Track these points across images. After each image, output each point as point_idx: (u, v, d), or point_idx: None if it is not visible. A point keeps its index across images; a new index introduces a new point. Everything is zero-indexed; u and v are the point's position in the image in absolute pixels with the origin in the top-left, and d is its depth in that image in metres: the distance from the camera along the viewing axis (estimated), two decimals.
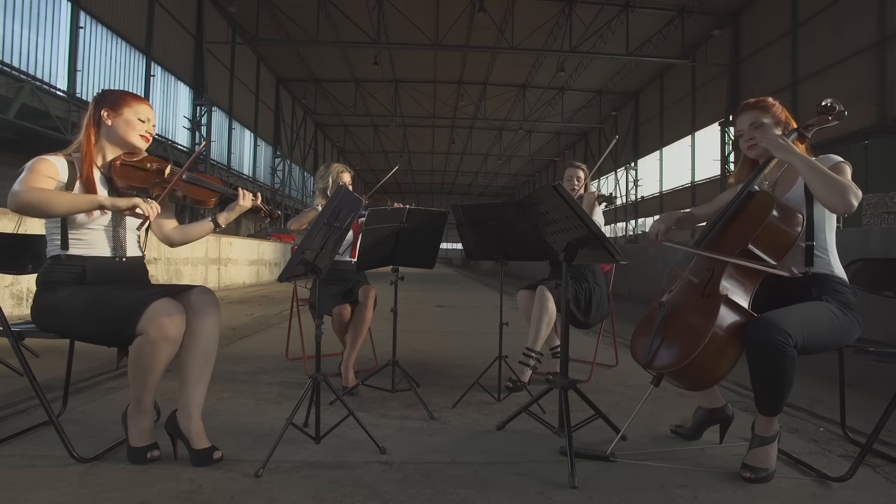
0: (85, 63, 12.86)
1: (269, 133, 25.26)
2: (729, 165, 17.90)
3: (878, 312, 3.48)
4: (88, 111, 1.81)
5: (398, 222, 2.44)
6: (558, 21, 18.34)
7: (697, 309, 1.71)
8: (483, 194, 49.58)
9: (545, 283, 2.84)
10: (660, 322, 1.77)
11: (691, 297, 1.77)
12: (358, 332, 2.76)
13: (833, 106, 1.77)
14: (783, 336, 1.52)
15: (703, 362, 1.60)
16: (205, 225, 1.96)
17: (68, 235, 1.70)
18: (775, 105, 1.90)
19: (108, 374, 2.73)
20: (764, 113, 1.89)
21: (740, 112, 1.94)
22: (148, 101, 1.90)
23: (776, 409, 1.64)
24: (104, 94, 1.84)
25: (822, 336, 1.62)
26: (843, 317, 1.67)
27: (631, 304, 7.29)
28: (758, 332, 1.56)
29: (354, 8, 17.15)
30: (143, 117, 1.84)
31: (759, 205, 1.75)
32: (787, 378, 1.55)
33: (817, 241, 1.75)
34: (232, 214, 1.96)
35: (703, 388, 1.78)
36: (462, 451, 1.85)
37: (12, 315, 4.67)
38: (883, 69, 12.39)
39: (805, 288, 1.73)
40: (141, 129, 1.83)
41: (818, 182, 1.62)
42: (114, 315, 1.58)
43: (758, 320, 1.59)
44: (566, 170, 3.22)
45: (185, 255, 8.51)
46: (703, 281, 1.75)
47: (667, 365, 1.67)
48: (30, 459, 1.66)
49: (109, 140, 1.82)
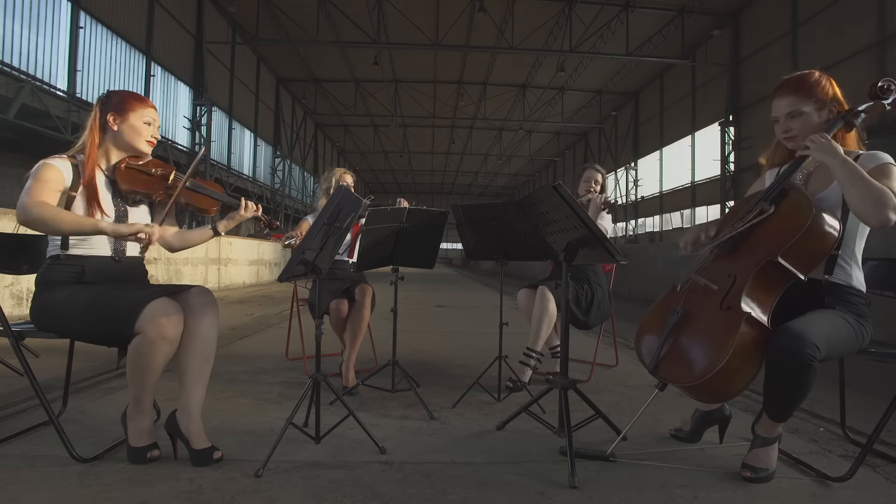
0: (85, 63, 12.85)
1: (269, 133, 25.24)
2: (729, 165, 17.90)
3: (878, 312, 3.47)
4: (93, 113, 1.81)
5: (398, 222, 2.44)
6: (558, 21, 18.33)
7: (716, 322, 1.56)
8: (483, 194, 49.58)
9: (546, 283, 2.84)
10: (672, 327, 1.64)
11: (709, 306, 1.61)
12: (356, 331, 2.76)
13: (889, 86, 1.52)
14: (812, 350, 1.42)
15: (720, 380, 1.49)
16: (204, 232, 1.96)
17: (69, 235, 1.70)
18: (820, 83, 1.63)
19: (108, 374, 2.73)
20: (805, 99, 1.62)
21: (777, 93, 1.68)
22: (151, 101, 1.90)
23: (787, 416, 1.61)
24: (109, 97, 1.84)
25: (841, 347, 1.56)
26: (858, 327, 1.60)
27: (631, 304, 7.29)
28: (785, 343, 1.45)
29: (354, 8, 17.14)
30: (149, 120, 1.84)
31: (795, 210, 1.55)
32: (807, 390, 1.48)
33: (844, 249, 1.61)
34: (232, 222, 1.97)
35: (718, 402, 1.73)
36: (462, 451, 1.85)
37: (12, 315, 4.67)
38: (883, 69, 12.37)
39: (819, 296, 1.63)
40: (147, 135, 1.83)
41: (858, 191, 1.45)
42: (112, 315, 1.59)
43: (785, 332, 1.47)
44: (585, 171, 3.20)
45: (185, 256, 8.51)
46: (723, 289, 1.60)
47: (681, 380, 1.56)
48: (30, 459, 1.66)
49: (116, 144, 1.82)
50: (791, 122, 1.66)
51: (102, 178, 1.78)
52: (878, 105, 1.58)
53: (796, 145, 1.67)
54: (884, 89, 1.54)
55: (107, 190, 1.78)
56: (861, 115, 1.59)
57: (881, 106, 1.57)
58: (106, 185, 1.79)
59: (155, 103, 1.99)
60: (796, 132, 1.65)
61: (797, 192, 1.61)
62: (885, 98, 1.56)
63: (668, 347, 1.64)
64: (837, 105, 1.65)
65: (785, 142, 1.71)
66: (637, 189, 26.54)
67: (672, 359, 1.62)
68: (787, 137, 1.69)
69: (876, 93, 1.56)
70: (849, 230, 1.60)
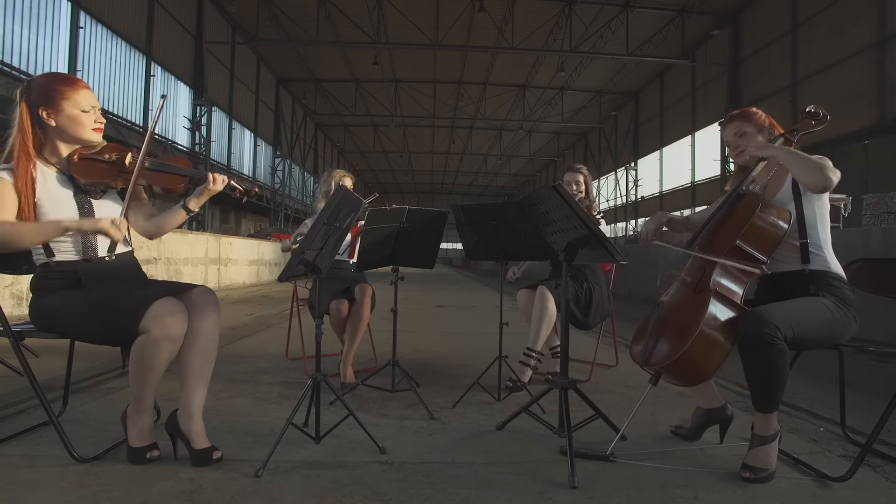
0: (85, 63, 12.86)
1: (269, 133, 25.25)
2: (729, 165, 17.89)
3: (879, 312, 3.47)
4: (19, 111, 1.64)
5: (398, 222, 2.44)
6: (558, 21, 18.33)
7: (689, 305, 1.76)
8: (483, 194, 49.58)
9: (545, 283, 2.84)
10: (655, 321, 1.83)
11: (685, 295, 1.84)
12: (356, 330, 2.76)
13: (817, 112, 1.86)
14: (771, 329, 1.54)
15: (693, 355, 1.64)
16: (177, 214, 1.82)
17: (49, 242, 1.65)
18: (758, 113, 2.00)
19: (109, 374, 2.73)
20: (746, 122, 1.97)
21: (726, 124, 2.03)
22: (82, 81, 1.72)
23: (771, 405, 1.64)
24: (31, 87, 1.66)
25: (814, 329, 1.64)
26: (837, 311, 1.68)
27: (631, 304, 7.29)
28: (747, 325, 1.60)
29: (354, 8, 17.14)
30: (87, 107, 1.68)
31: (746, 205, 1.81)
32: (778, 371, 1.57)
33: (811, 238, 1.78)
34: (202, 198, 1.80)
35: (697, 382, 1.79)
36: (462, 451, 1.85)
37: (12, 315, 4.67)
38: (883, 69, 12.38)
39: (803, 285, 1.75)
40: (90, 123, 1.69)
41: (797, 165, 1.70)
42: (116, 315, 1.58)
43: (748, 314, 1.63)
44: (565, 174, 3.16)
45: (185, 255, 8.51)
46: (696, 279, 1.81)
47: (659, 360, 1.72)
48: (30, 459, 1.66)
49: (61, 139, 1.70)
50: (739, 140, 1.97)
51: (55, 176, 1.69)
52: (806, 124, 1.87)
53: (746, 160, 1.95)
54: (811, 113, 1.87)
55: (65, 188, 1.69)
56: (797, 133, 1.88)
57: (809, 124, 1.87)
58: (63, 183, 1.69)
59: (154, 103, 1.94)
60: (743, 147, 1.95)
61: (750, 194, 1.88)
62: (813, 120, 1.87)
63: (654, 340, 1.80)
64: (774, 129, 1.98)
65: (736, 158, 2.00)
66: (637, 189, 26.54)
67: (654, 345, 1.79)
68: (737, 153, 1.98)
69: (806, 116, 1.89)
70: (808, 219, 1.78)
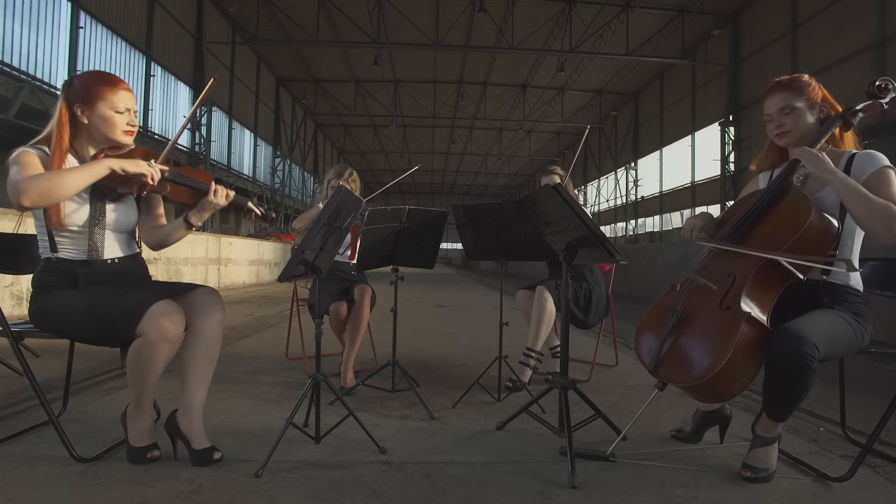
0: (85, 63, 12.85)
1: (269, 133, 25.25)
2: (729, 165, 17.91)
3: (879, 312, 3.47)
4: (59, 106, 1.63)
5: (398, 222, 2.44)
6: (558, 21, 18.33)
7: (716, 322, 1.56)
8: (483, 194, 49.57)
9: (545, 283, 2.83)
10: (671, 328, 1.64)
11: (708, 306, 1.61)
12: (356, 331, 2.76)
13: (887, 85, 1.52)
14: (811, 349, 1.42)
15: (720, 380, 1.49)
16: (179, 229, 1.80)
17: (54, 237, 1.64)
18: (811, 84, 1.66)
19: (108, 374, 2.73)
20: (797, 95, 1.64)
21: (770, 92, 1.70)
22: (123, 82, 1.68)
23: (787, 416, 1.61)
24: (72, 84, 1.65)
25: (840, 347, 1.56)
26: (857, 327, 1.60)
27: (631, 304, 7.29)
28: (784, 343, 1.45)
29: (354, 8, 17.15)
30: (122, 108, 1.66)
31: (794, 209, 1.55)
32: (807, 389, 1.48)
33: (843, 249, 1.62)
34: (204, 213, 1.77)
35: (718, 402, 1.74)
36: (462, 451, 1.85)
37: (12, 315, 4.67)
38: (883, 69, 12.36)
39: (817, 295, 1.64)
40: (122, 124, 1.67)
41: (861, 208, 1.48)
42: (113, 318, 1.57)
43: (784, 332, 1.47)
44: (542, 177, 3.05)
45: (185, 256, 8.50)
46: (722, 289, 1.59)
47: (682, 380, 1.56)
48: (30, 459, 1.66)
49: (91, 138, 1.69)
50: (784, 117, 1.67)
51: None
52: (876, 104, 1.58)
53: (788, 142, 1.69)
54: (881, 88, 1.55)
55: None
56: (859, 115, 1.60)
57: (879, 105, 1.58)
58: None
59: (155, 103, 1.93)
60: (789, 127, 1.67)
61: (796, 192, 1.61)
62: (882, 97, 1.57)
63: (667, 348, 1.63)
64: (829, 107, 1.68)
65: (777, 138, 1.72)
66: (637, 189, 26.54)
67: (672, 359, 1.62)
68: (779, 133, 1.69)
69: (874, 92, 1.57)
70: (846, 230, 1.61)
